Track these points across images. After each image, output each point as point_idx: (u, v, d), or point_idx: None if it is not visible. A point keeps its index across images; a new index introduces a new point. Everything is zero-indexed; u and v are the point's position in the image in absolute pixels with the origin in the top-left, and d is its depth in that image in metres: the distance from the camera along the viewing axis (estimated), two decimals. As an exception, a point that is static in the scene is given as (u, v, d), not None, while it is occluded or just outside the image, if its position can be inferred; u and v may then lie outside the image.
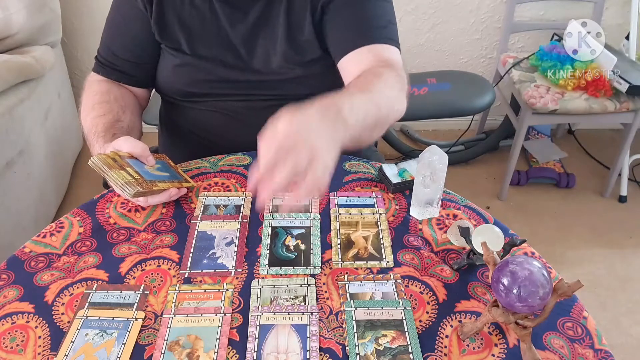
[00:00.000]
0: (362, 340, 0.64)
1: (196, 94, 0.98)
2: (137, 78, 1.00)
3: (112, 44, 0.98)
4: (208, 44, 0.94)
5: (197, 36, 0.94)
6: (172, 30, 0.94)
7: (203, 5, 0.92)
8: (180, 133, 1.06)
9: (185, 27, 0.93)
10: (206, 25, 0.93)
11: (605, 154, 2.25)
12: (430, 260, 0.76)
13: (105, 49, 0.98)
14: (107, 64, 0.98)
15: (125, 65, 0.98)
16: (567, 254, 1.83)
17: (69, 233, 0.80)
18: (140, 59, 0.98)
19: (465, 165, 2.24)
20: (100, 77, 0.99)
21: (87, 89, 0.97)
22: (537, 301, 0.57)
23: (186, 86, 0.97)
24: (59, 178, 1.92)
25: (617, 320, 1.60)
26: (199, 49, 0.94)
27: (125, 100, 0.97)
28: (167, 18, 0.93)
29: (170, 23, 0.93)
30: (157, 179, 0.81)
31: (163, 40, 0.95)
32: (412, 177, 0.86)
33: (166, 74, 0.98)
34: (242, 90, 0.97)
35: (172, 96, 1.01)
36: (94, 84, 0.98)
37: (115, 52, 0.97)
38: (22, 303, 0.69)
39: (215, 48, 0.94)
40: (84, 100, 0.96)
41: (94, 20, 2.12)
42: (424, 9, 2.14)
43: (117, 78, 0.99)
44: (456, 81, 1.86)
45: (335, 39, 0.91)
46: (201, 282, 0.72)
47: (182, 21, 0.93)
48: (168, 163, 0.89)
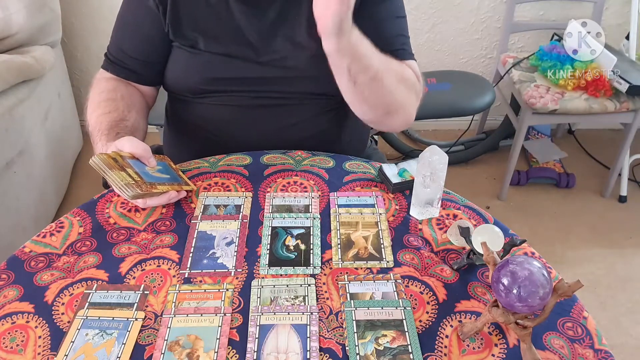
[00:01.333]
0: (362, 340, 0.64)
1: (209, 90, 0.97)
2: (146, 76, 1.00)
3: (122, 42, 0.98)
4: (223, 41, 0.93)
5: (212, 33, 0.93)
6: (186, 29, 0.93)
7: (219, 2, 0.92)
8: (187, 130, 1.05)
9: (200, 25, 0.93)
10: (222, 22, 0.93)
11: (605, 154, 2.25)
12: (430, 260, 0.76)
13: (115, 47, 0.98)
14: (117, 62, 0.98)
15: (134, 64, 0.97)
16: (567, 254, 1.83)
17: (69, 233, 0.80)
18: (150, 58, 0.98)
19: (465, 165, 2.24)
20: (109, 75, 0.99)
21: (94, 86, 0.97)
22: (537, 301, 0.57)
23: (199, 83, 0.97)
24: (59, 178, 1.92)
25: (617, 320, 1.60)
26: (214, 46, 0.94)
27: (132, 99, 0.97)
28: (182, 16, 0.93)
29: (185, 21, 0.93)
30: (157, 181, 0.81)
31: (177, 39, 0.94)
32: (412, 177, 0.86)
33: (178, 71, 0.98)
34: (256, 87, 0.97)
35: (182, 94, 1.01)
36: (102, 82, 0.98)
37: (125, 50, 0.97)
38: (22, 303, 0.69)
39: (231, 45, 0.94)
40: (90, 97, 0.95)
41: (94, 20, 2.12)
42: (424, 9, 2.14)
43: (126, 76, 0.98)
44: (456, 81, 1.87)
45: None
46: (201, 282, 0.72)
47: (197, 19, 0.93)
48: (169, 165, 0.88)
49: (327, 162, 0.95)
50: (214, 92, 0.98)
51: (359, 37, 0.79)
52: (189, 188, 0.87)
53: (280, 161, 0.95)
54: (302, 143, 0.99)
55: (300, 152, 0.97)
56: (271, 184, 0.89)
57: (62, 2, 1.91)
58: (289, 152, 0.97)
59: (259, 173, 0.92)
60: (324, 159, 0.95)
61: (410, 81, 0.90)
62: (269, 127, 1.00)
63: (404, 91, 0.88)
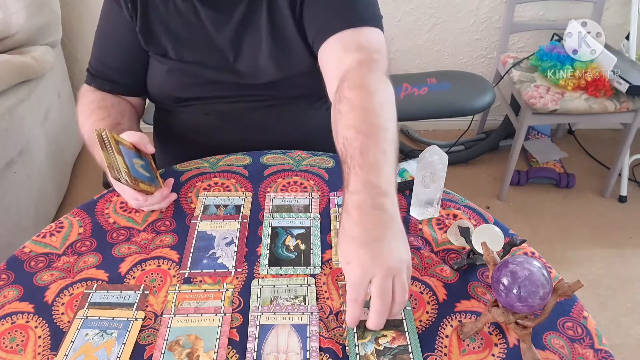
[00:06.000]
0: (362, 340, 0.64)
1: (186, 98, 0.98)
2: (130, 87, 0.99)
3: (102, 54, 0.98)
4: (194, 48, 0.94)
5: (183, 41, 0.93)
6: (157, 38, 0.93)
7: (187, 10, 0.92)
8: (173, 138, 1.05)
9: (171, 33, 0.93)
10: (191, 29, 0.93)
11: (605, 154, 2.25)
12: (430, 260, 0.75)
13: (97, 61, 0.98)
14: (100, 75, 0.98)
15: (117, 75, 0.97)
16: (567, 254, 1.83)
17: (69, 233, 0.80)
18: (132, 68, 0.97)
19: (465, 165, 2.24)
20: (94, 88, 0.99)
21: (81, 99, 0.97)
22: (537, 301, 0.57)
23: (175, 91, 0.97)
24: (59, 178, 1.92)
25: (617, 320, 1.60)
26: (185, 54, 0.94)
27: (122, 107, 0.97)
28: (153, 26, 0.93)
29: (156, 30, 0.93)
30: (140, 177, 0.80)
31: (149, 48, 0.94)
32: (412, 177, 0.86)
33: (156, 81, 0.98)
34: (232, 92, 0.97)
35: (163, 102, 1.01)
36: (89, 93, 0.97)
37: (106, 63, 0.97)
38: (22, 303, 0.69)
39: (202, 52, 0.94)
40: (79, 109, 0.95)
41: (94, 20, 2.08)
42: (424, 9, 2.14)
43: (110, 89, 0.98)
44: (456, 81, 1.87)
45: (312, 27, 0.88)
46: (201, 282, 0.72)
47: (167, 27, 0.93)
48: (151, 164, 0.87)
49: (327, 162, 0.95)
50: (193, 99, 0.98)
51: (391, 190, 0.65)
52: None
53: (280, 161, 0.95)
54: (294, 144, 0.99)
55: (300, 152, 0.97)
56: (271, 184, 0.89)
57: (62, 2, 1.91)
58: (289, 152, 0.97)
59: (259, 173, 0.92)
60: (324, 159, 0.95)
61: (384, 81, 0.78)
62: (256, 130, 1.00)
63: (391, 101, 0.76)
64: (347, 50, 0.82)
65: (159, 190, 0.82)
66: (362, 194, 0.63)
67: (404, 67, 2.26)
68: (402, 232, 0.63)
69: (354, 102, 0.73)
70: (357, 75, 0.77)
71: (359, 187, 0.64)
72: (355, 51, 0.81)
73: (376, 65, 0.79)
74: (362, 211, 0.62)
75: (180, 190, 0.88)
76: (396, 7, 2.12)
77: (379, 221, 0.62)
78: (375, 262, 0.59)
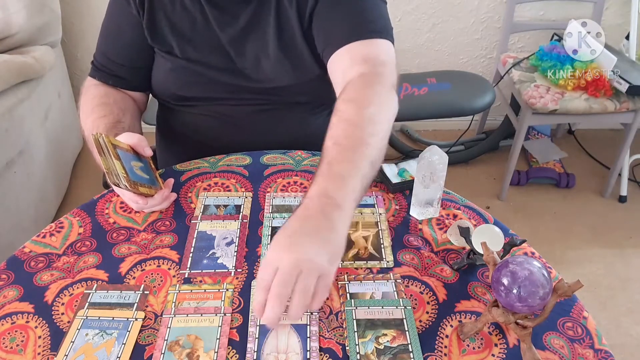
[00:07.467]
0: (362, 339, 0.64)
1: (189, 97, 0.98)
2: (134, 82, 1.00)
3: (107, 49, 0.98)
4: (199, 47, 0.94)
5: (188, 39, 0.93)
6: (163, 34, 0.94)
7: (194, 8, 0.92)
8: (175, 136, 1.06)
9: (176, 31, 0.93)
10: (197, 28, 0.93)
11: (605, 154, 2.25)
12: (430, 260, 0.76)
13: (101, 55, 0.98)
14: (103, 69, 0.98)
15: (121, 70, 0.98)
16: (567, 254, 1.83)
17: (69, 233, 0.80)
18: (136, 64, 0.98)
19: (465, 165, 2.24)
20: (97, 82, 0.99)
21: (84, 93, 0.97)
22: (537, 301, 0.57)
23: (179, 89, 0.97)
24: (59, 178, 1.92)
25: (617, 320, 1.60)
26: (190, 52, 0.94)
27: (125, 103, 0.97)
28: (159, 22, 0.93)
29: (162, 27, 0.93)
30: (140, 180, 0.80)
31: (155, 44, 0.95)
32: (412, 177, 0.86)
33: (160, 77, 0.98)
34: (235, 94, 0.97)
35: (166, 99, 1.01)
36: (92, 88, 0.98)
37: (110, 57, 0.97)
38: (22, 303, 0.69)
39: (206, 51, 0.94)
40: (82, 104, 0.95)
41: (94, 20, 2.12)
42: (424, 9, 2.14)
43: (114, 83, 0.98)
44: (456, 81, 1.87)
45: (321, 38, 0.89)
46: (201, 282, 0.72)
47: (173, 25, 0.93)
48: (150, 165, 0.87)
49: (327, 162, 0.94)
50: (196, 99, 0.98)
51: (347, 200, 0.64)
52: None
53: (280, 161, 0.95)
54: (295, 146, 0.99)
55: (300, 152, 0.97)
56: (271, 184, 0.89)
57: (62, 2, 1.91)
58: (289, 152, 0.97)
59: (259, 173, 0.92)
60: (324, 159, 0.95)
61: (387, 96, 0.78)
62: (258, 133, 1.00)
63: (388, 120, 0.77)
64: (353, 63, 0.82)
65: (159, 192, 0.82)
66: (314, 201, 0.62)
67: (404, 67, 2.26)
68: (335, 246, 0.60)
69: (343, 114, 0.73)
70: (353, 88, 0.77)
71: (313, 194, 0.63)
72: (360, 64, 0.81)
73: (378, 79, 0.79)
74: (307, 213, 0.62)
75: (180, 190, 0.88)
76: (396, 7, 2.12)
77: (317, 225, 0.60)
78: (288, 250, 0.58)
